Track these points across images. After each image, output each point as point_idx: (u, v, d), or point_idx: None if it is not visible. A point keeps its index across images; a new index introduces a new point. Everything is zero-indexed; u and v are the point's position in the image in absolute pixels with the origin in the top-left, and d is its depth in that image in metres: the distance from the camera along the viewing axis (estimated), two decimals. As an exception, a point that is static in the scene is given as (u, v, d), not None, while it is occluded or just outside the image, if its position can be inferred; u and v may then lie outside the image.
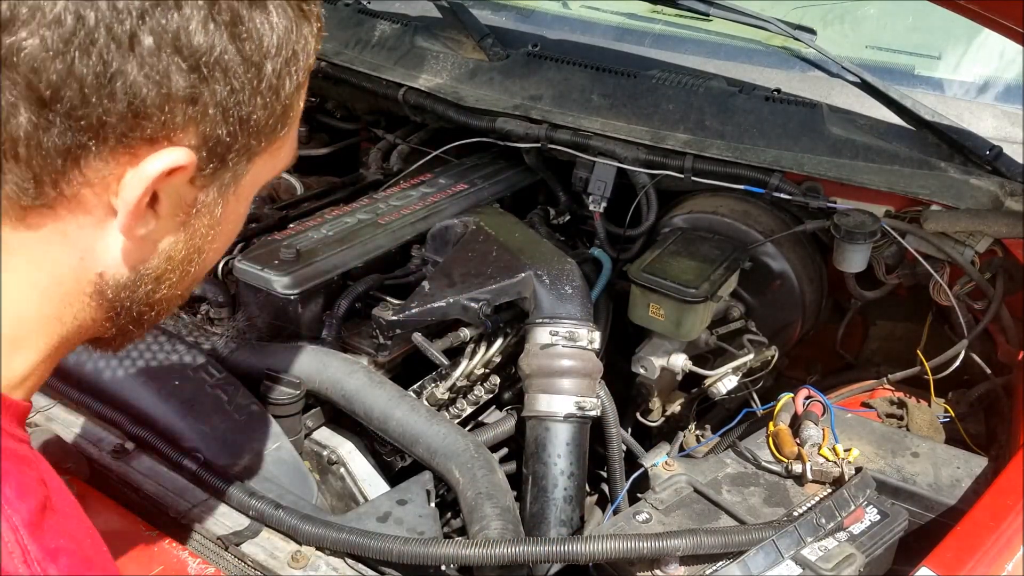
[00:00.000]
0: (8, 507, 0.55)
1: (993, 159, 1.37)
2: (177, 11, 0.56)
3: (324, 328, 1.37)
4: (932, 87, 1.54)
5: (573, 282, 1.37)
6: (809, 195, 1.45)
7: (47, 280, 0.62)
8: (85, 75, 0.55)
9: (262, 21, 0.60)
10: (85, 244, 0.62)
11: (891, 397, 1.38)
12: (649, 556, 0.97)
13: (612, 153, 1.57)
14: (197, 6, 0.57)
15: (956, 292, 1.36)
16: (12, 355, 0.63)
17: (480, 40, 1.73)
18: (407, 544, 1.01)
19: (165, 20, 0.56)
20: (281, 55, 0.62)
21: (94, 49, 0.55)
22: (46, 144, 0.56)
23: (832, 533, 1.00)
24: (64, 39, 0.54)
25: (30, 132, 0.56)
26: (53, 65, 0.54)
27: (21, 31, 0.54)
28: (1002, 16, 1.19)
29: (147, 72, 0.56)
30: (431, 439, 1.21)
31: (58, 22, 0.54)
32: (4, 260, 0.60)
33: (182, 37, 0.57)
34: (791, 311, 1.53)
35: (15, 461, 0.59)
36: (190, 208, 0.65)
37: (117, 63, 0.55)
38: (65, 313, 0.65)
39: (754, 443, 1.18)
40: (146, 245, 0.65)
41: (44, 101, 0.55)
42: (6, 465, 0.57)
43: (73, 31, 0.54)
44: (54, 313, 0.64)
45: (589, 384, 1.33)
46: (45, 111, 0.55)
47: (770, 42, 1.60)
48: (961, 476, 1.14)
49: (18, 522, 0.56)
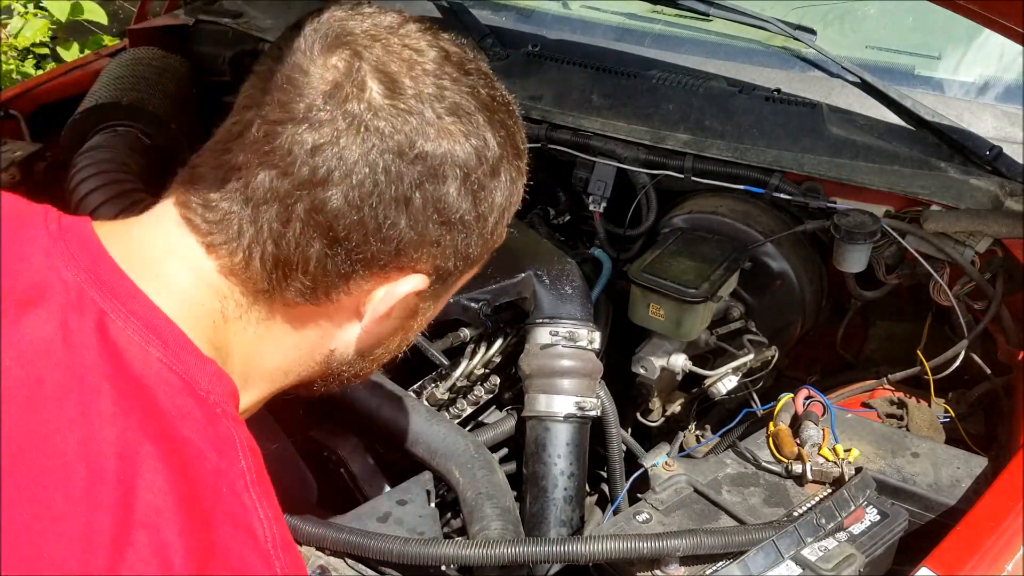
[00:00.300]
0: (265, 522, 0.69)
1: (993, 159, 1.37)
2: (442, 183, 0.73)
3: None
4: (932, 87, 1.53)
5: (573, 282, 1.37)
6: (809, 195, 1.45)
7: (291, 348, 0.80)
8: (369, 224, 0.72)
9: (495, 186, 0.77)
10: (329, 330, 0.80)
11: (891, 397, 1.38)
12: (649, 556, 0.97)
13: (612, 153, 1.57)
14: (456, 178, 0.74)
15: (956, 292, 1.36)
16: (250, 385, 0.79)
17: (480, 40, 1.73)
18: (407, 544, 1.01)
19: (432, 188, 0.73)
20: (503, 209, 0.80)
21: (380, 206, 0.71)
22: (330, 268, 0.74)
23: (832, 533, 1.00)
24: (361, 198, 0.71)
25: (320, 258, 0.73)
26: (349, 216, 0.71)
27: (331, 189, 0.70)
28: (1002, 16, 1.19)
29: (412, 224, 0.73)
30: (431, 439, 1.21)
31: (360, 185, 0.70)
32: (266, 328, 0.78)
33: (441, 201, 0.74)
34: (791, 311, 1.53)
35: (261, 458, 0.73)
36: (413, 314, 0.84)
37: (393, 217, 0.72)
38: (292, 371, 0.82)
39: (754, 443, 1.18)
40: (373, 337, 0.83)
41: (337, 239, 0.72)
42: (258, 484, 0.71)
43: (370, 192, 0.71)
44: (285, 368, 0.81)
45: (589, 384, 1.33)
46: (335, 246, 0.72)
47: (770, 42, 1.60)
48: (961, 476, 1.14)
49: (272, 541, 0.68)
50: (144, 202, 1.65)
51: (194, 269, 0.74)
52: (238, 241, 0.73)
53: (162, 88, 1.95)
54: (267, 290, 0.75)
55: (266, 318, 0.77)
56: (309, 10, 0.76)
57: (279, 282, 0.74)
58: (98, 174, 1.67)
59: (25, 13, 3.92)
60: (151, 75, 1.97)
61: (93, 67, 2.10)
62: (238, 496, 0.68)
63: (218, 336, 0.75)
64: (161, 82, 1.97)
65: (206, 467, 0.67)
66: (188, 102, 2.01)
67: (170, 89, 1.97)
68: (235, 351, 0.77)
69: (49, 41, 3.95)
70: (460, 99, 0.74)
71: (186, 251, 0.74)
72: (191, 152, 0.80)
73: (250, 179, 0.71)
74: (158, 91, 1.94)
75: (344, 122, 0.70)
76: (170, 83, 1.98)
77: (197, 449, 0.67)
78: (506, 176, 0.78)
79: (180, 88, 2.00)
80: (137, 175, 1.76)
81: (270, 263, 0.73)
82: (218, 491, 0.67)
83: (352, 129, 0.70)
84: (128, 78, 1.94)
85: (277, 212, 0.71)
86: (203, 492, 0.66)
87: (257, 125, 0.71)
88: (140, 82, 1.94)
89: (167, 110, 1.92)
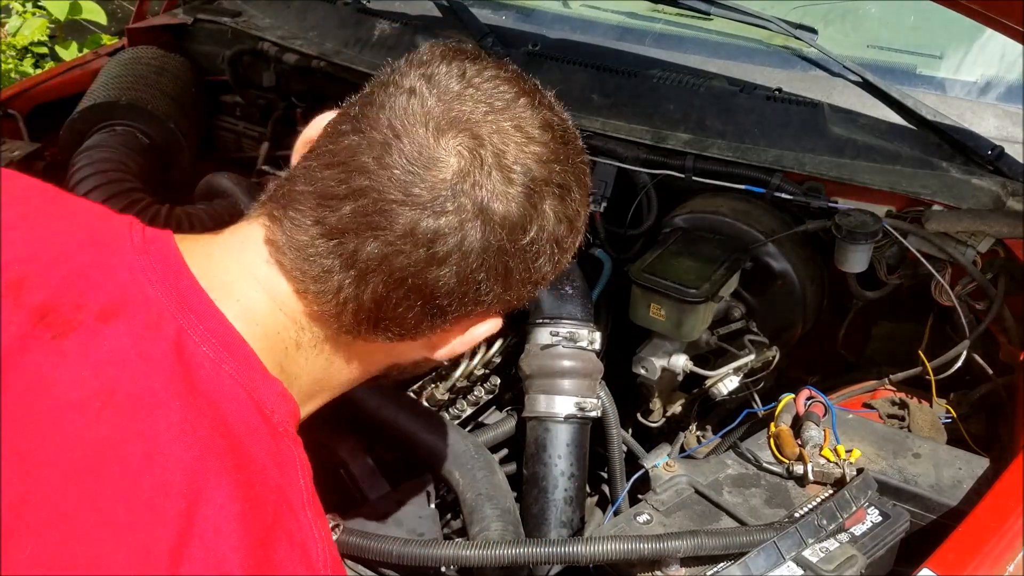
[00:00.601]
0: (318, 542, 0.72)
1: (995, 159, 1.36)
2: (540, 256, 0.79)
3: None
4: (934, 87, 1.53)
5: (573, 282, 1.37)
6: (810, 195, 1.45)
7: (361, 372, 0.85)
8: (470, 292, 0.76)
9: (574, 243, 0.83)
10: (402, 355, 0.86)
11: (892, 398, 1.38)
12: (650, 557, 0.96)
13: (613, 153, 1.57)
14: (550, 250, 0.79)
15: (958, 292, 1.36)
16: (313, 400, 0.83)
17: (480, 40, 1.72)
18: (407, 545, 1.00)
19: (531, 261, 0.78)
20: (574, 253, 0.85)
21: (485, 280, 0.76)
22: (423, 324, 0.78)
23: (833, 534, 0.99)
24: (471, 273, 0.75)
25: (416, 316, 0.77)
26: (456, 289, 0.75)
27: (445, 269, 0.74)
28: (1004, 16, 1.19)
29: (505, 288, 0.79)
30: (431, 440, 1.21)
31: (472, 264, 0.74)
32: (342, 357, 0.82)
33: (537, 270, 0.80)
34: (792, 311, 1.53)
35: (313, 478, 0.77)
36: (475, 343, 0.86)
37: (492, 286, 0.77)
38: (359, 379, 0.86)
39: (755, 444, 1.18)
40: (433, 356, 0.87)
41: (438, 305, 0.76)
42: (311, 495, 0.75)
43: (479, 268, 0.75)
44: (353, 380, 0.86)
45: (589, 385, 1.32)
46: (435, 306, 0.77)
47: (771, 41, 1.60)
48: (963, 477, 1.14)
49: (324, 561, 0.71)
50: (143, 202, 1.66)
51: (276, 301, 0.77)
52: (334, 296, 0.75)
53: (161, 87, 1.95)
54: (351, 332, 0.78)
55: (343, 348, 0.81)
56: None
57: (367, 331, 0.78)
58: (97, 173, 1.67)
59: (24, 12, 3.92)
60: (150, 74, 1.97)
61: (92, 66, 2.10)
62: (295, 514, 0.70)
63: (289, 361, 0.78)
64: (160, 81, 1.97)
65: (269, 484, 0.69)
66: (187, 101, 2.01)
67: (169, 88, 1.97)
68: (304, 374, 0.80)
69: (48, 40, 3.95)
70: (565, 179, 0.78)
71: (271, 285, 0.77)
72: (190, 151, 0.81)
73: (359, 248, 0.73)
74: (157, 90, 1.93)
75: (470, 212, 0.72)
76: (169, 82, 1.98)
77: (261, 465, 0.69)
78: (582, 229, 0.84)
79: (179, 87, 2.00)
80: (136, 174, 1.76)
81: (364, 316, 0.76)
82: (279, 508, 0.69)
83: (477, 218, 0.73)
84: (127, 77, 1.94)
85: (383, 281, 0.74)
86: (264, 508, 0.67)
87: (372, 200, 0.72)
88: (139, 81, 1.94)
89: (166, 109, 1.92)
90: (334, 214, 0.73)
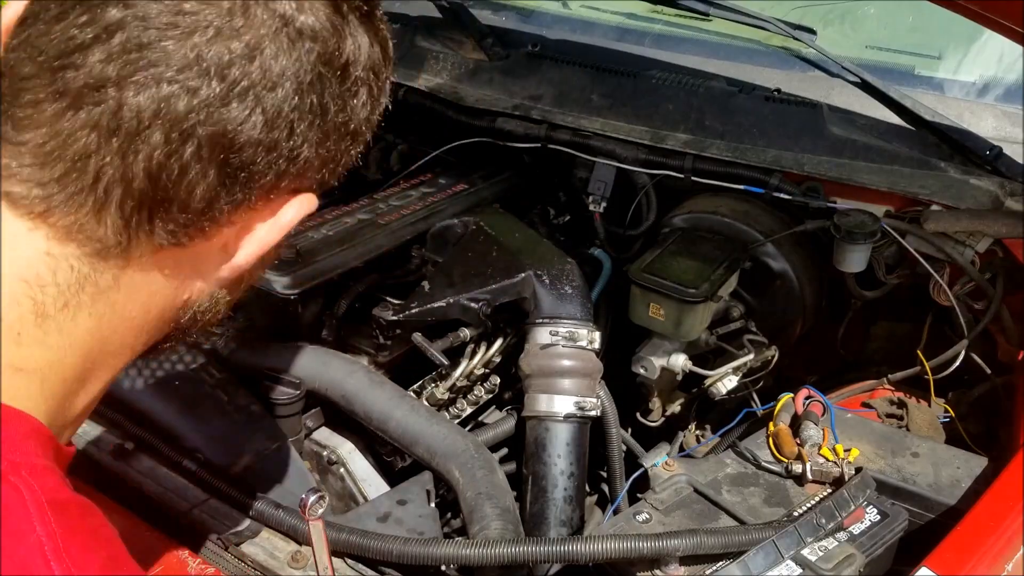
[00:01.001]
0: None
1: (993, 159, 1.37)
2: (357, 91, 0.63)
3: (324, 328, 1.37)
4: (932, 87, 1.53)
5: (573, 282, 1.37)
6: (809, 195, 1.45)
7: (138, 312, 0.63)
8: (282, 145, 0.60)
9: (384, 90, 0.67)
10: (188, 277, 0.64)
11: (891, 397, 1.38)
12: (649, 556, 0.97)
13: (612, 153, 1.57)
14: (366, 84, 0.64)
15: (956, 292, 1.36)
16: (78, 393, 0.62)
17: (480, 40, 1.73)
18: (407, 544, 1.01)
19: (349, 98, 0.63)
20: (376, 122, 0.68)
21: (298, 123, 0.60)
22: (219, 200, 0.60)
23: (832, 533, 1.00)
24: (281, 115, 0.59)
25: (209, 189, 0.59)
26: (261, 137, 0.59)
27: (247, 107, 0.57)
28: (1002, 16, 1.19)
29: (321, 139, 0.62)
30: (431, 439, 1.21)
31: (282, 101, 0.58)
32: (107, 303, 0.60)
33: (352, 112, 0.64)
34: (791, 311, 1.53)
35: (81, 511, 0.57)
36: (286, 238, 0.68)
37: (306, 134, 0.61)
38: (139, 341, 0.65)
39: (754, 443, 1.18)
40: (236, 274, 0.67)
41: (239, 166, 0.59)
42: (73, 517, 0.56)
43: (292, 108, 0.59)
44: (132, 342, 0.64)
45: (589, 384, 1.32)
46: (235, 172, 0.59)
47: (770, 42, 1.60)
48: (961, 476, 1.14)
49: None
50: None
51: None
52: (91, 189, 0.56)
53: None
54: (118, 244, 0.59)
55: (109, 287, 0.60)
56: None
57: (139, 227, 0.58)
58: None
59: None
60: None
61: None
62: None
63: (22, 353, 0.57)
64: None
65: None
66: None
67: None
68: (59, 356, 0.59)
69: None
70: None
71: None
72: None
73: (122, 102, 0.55)
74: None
75: (269, 26, 0.57)
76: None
77: None
78: (391, 66, 0.68)
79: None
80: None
81: (134, 205, 0.57)
82: None
83: (281, 34, 0.58)
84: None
85: (163, 138, 0.56)
86: None
87: (134, 32, 0.54)
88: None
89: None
90: (80, 70, 0.54)
